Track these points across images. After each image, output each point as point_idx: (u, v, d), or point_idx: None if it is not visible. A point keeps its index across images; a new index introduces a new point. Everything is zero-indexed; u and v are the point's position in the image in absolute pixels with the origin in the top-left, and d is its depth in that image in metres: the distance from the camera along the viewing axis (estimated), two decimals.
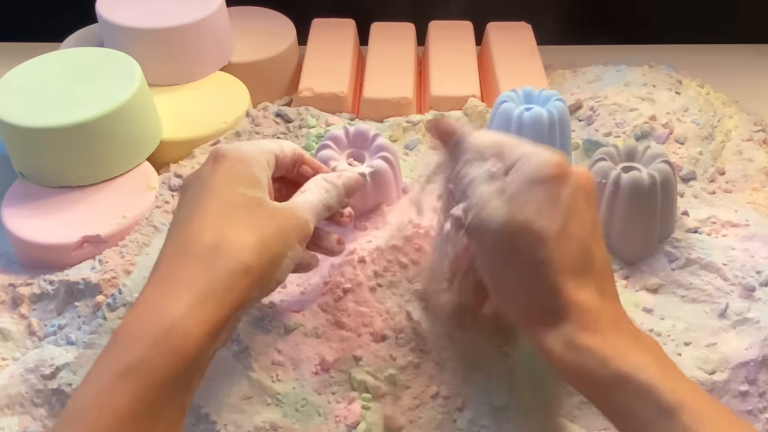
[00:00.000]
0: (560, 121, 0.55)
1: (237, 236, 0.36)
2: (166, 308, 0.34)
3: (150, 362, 0.32)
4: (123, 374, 0.32)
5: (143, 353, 0.32)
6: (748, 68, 0.82)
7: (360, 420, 0.44)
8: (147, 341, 0.32)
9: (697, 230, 0.54)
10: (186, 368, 0.33)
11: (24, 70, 0.61)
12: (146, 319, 0.34)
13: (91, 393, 0.32)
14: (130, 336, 0.33)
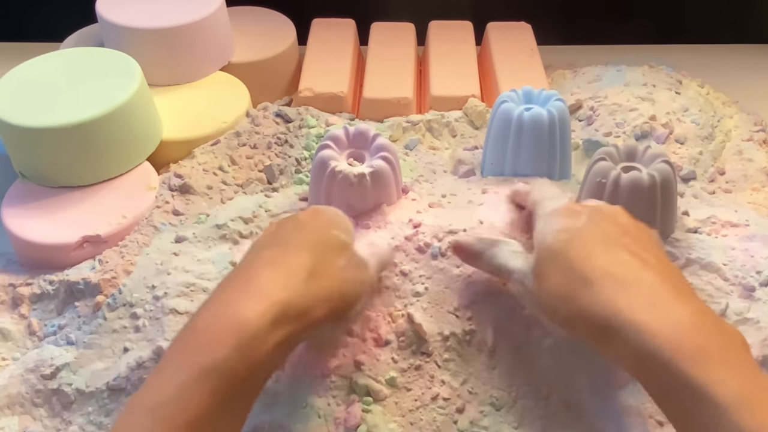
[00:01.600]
0: (560, 121, 0.55)
1: (328, 268, 0.39)
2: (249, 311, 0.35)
3: (232, 365, 0.33)
4: (206, 373, 0.33)
5: (227, 355, 0.33)
6: (748, 68, 0.82)
7: (360, 422, 0.44)
8: (228, 343, 0.34)
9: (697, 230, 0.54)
10: (260, 376, 0.36)
11: (24, 70, 0.61)
12: (228, 318, 0.35)
13: (172, 386, 0.33)
14: (212, 335, 0.34)
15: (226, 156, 0.63)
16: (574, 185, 0.57)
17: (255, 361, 0.34)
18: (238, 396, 0.34)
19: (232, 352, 0.33)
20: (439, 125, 0.66)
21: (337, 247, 0.41)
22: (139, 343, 0.48)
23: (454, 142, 0.66)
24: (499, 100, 0.56)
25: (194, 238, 0.54)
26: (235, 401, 0.34)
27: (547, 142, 0.55)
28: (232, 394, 0.33)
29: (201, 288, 0.50)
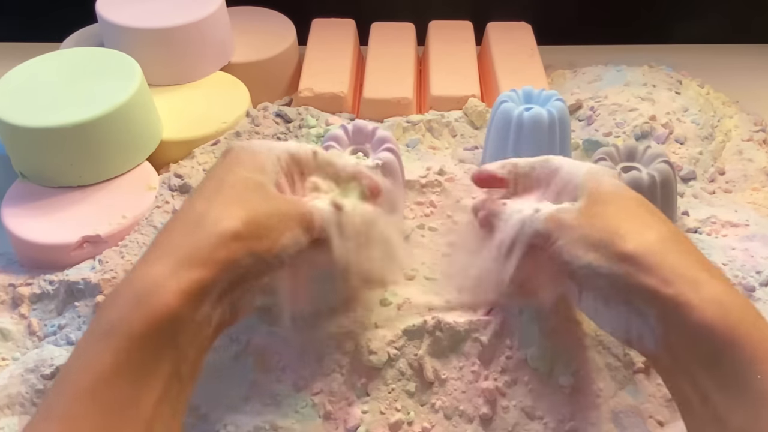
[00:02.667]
0: (560, 121, 0.55)
1: (226, 207, 0.37)
2: (149, 271, 0.34)
3: (128, 321, 0.32)
4: (103, 334, 0.32)
5: (121, 313, 0.32)
6: (748, 68, 0.82)
7: (359, 423, 0.44)
8: (127, 301, 0.32)
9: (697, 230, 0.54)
10: (167, 328, 0.32)
11: (24, 70, 0.61)
12: (129, 282, 0.34)
13: (75, 355, 0.32)
14: (113, 299, 0.33)
15: None
16: None
17: (156, 314, 0.32)
18: (146, 354, 0.32)
19: (128, 309, 0.32)
20: (439, 125, 0.66)
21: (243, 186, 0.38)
22: None
23: (454, 142, 0.66)
24: (499, 100, 0.56)
25: None
26: (145, 360, 0.32)
27: (547, 142, 0.55)
28: (138, 352, 0.31)
29: None
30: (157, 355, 0.32)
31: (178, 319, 0.33)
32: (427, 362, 0.45)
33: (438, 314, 0.46)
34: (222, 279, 0.35)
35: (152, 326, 0.32)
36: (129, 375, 0.31)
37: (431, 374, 0.44)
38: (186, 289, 0.33)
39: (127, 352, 0.31)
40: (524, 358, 0.45)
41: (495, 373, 0.45)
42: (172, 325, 0.33)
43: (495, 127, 0.56)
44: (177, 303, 0.33)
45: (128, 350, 0.31)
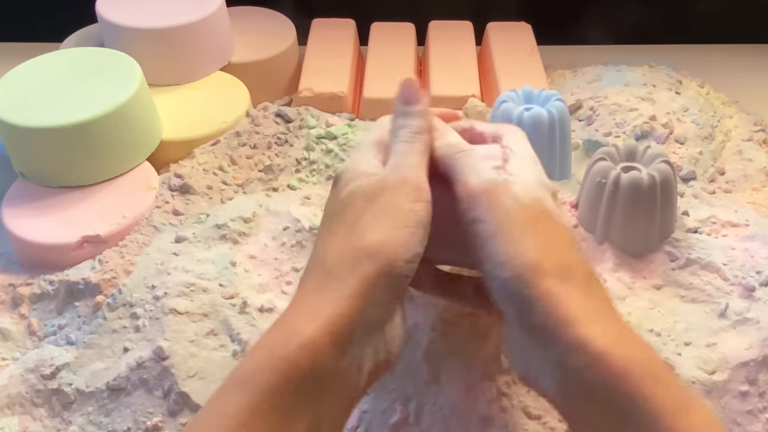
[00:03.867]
0: (560, 121, 0.55)
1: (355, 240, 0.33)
2: (286, 325, 0.32)
3: (261, 372, 0.30)
4: (240, 384, 0.30)
5: (258, 364, 0.30)
6: (748, 68, 0.82)
7: (359, 423, 0.44)
8: (265, 352, 0.31)
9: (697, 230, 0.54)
10: (302, 379, 0.30)
11: (24, 70, 0.61)
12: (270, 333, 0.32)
13: (212, 403, 0.31)
14: (255, 348, 0.32)
15: (226, 156, 0.63)
16: (574, 185, 0.57)
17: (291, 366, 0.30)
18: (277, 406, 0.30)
19: (264, 360, 0.30)
20: None
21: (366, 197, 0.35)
22: (139, 343, 0.48)
23: None
24: (499, 100, 0.56)
25: (194, 238, 0.54)
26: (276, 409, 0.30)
27: (547, 142, 0.55)
28: (269, 404, 0.29)
29: (201, 288, 0.50)
30: (297, 407, 0.30)
31: (318, 371, 0.30)
32: (427, 362, 0.44)
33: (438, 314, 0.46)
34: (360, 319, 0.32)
35: (284, 379, 0.30)
36: (264, 426, 0.29)
37: (431, 374, 0.44)
38: (326, 330, 0.30)
39: (261, 405, 0.29)
40: None
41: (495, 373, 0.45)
42: (309, 377, 0.30)
43: None
44: (314, 353, 0.30)
45: (258, 401, 0.29)
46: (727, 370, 0.45)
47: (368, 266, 0.32)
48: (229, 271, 0.50)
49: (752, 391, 0.45)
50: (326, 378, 0.30)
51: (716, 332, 0.47)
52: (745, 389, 0.45)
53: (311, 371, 0.30)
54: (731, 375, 0.45)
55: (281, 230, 0.53)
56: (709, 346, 0.46)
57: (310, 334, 0.30)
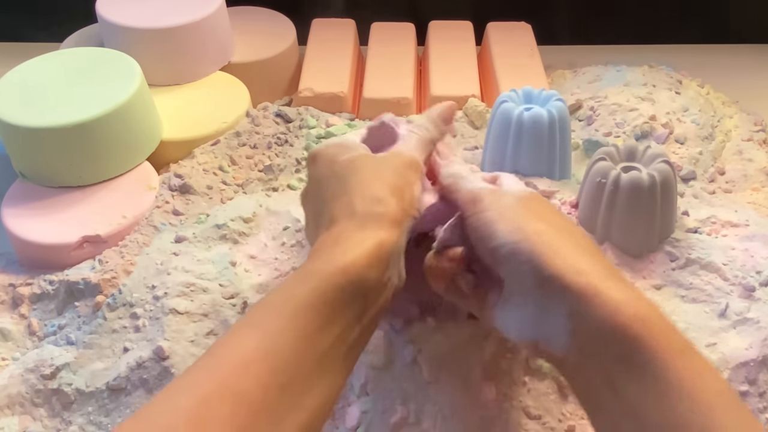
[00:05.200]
0: (560, 121, 0.55)
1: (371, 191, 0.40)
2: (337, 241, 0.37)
3: (325, 270, 0.36)
4: (305, 276, 0.36)
5: (320, 265, 0.36)
6: (748, 68, 0.82)
7: (359, 423, 0.44)
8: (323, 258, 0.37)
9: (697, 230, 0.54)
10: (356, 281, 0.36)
11: (24, 70, 0.61)
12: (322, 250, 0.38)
13: (282, 289, 0.36)
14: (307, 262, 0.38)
15: (226, 156, 0.63)
16: (574, 185, 0.57)
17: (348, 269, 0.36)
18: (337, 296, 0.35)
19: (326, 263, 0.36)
20: None
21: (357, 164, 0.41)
22: (139, 343, 0.48)
23: (454, 142, 0.66)
24: (499, 100, 0.56)
25: (194, 238, 0.54)
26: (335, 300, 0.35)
27: (547, 142, 0.55)
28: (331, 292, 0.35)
29: (201, 288, 0.50)
30: (346, 299, 0.36)
31: (367, 276, 0.36)
32: (427, 362, 0.44)
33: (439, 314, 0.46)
34: (396, 244, 0.38)
35: (343, 276, 0.35)
36: (324, 310, 0.35)
37: (431, 374, 0.44)
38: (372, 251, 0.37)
39: (325, 293, 0.35)
40: (524, 358, 0.45)
41: (495, 373, 0.45)
42: (361, 280, 0.36)
43: (495, 127, 0.56)
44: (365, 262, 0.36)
45: (326, 292, 0.35)
46: (727, 370, 0.45)
47: (396, 206, 0.39)
48: (229, 271, 0.50)
49: (752, 391, 0.45)
50: (371, 287, 0.37)
51: (716, 332, 0.47)
52: (745, 389, 0.45)
53: (362, 279, 0.36)
54: (731, 375, 0.45)
55: (281, 230, 0.53)
56: (709, 346, 0.46)
57: (362, 252, 0.36)
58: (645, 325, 0.33)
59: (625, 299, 0.34)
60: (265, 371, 0.32)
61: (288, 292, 0.36)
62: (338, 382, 0.36)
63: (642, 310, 0.34)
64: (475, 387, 0.44)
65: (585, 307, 0.35)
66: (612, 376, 0.34)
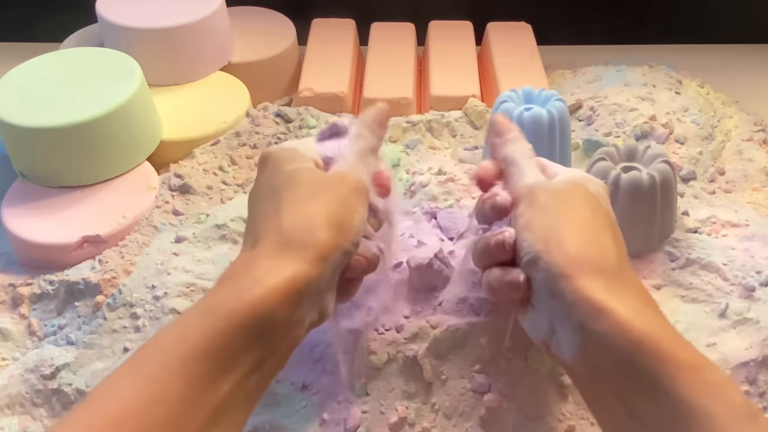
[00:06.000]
0: (560, 121, 0.55)
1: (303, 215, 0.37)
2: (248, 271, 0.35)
3: (227, 306, 0.33)
4: (203, 313, 0.33)
5: (222, 299, 0.34)
6: (748, 68, 0.82)
7: (359, 423, 0.44)
8: (227, 291, 0.34)
9: (697, 230, 0.54)
10: (261, 320, 0.33)
11: (24, 70, 0.61)
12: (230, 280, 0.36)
13: (173, 327, 0.33)
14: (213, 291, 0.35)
15: (226, 156, 0.63)
16: None
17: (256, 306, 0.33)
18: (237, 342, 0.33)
19: (229, 297, 0.34)
20: (439, 125, 0.66)
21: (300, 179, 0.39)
22: (139, 343, 0.48)
23: (454, 142, 0.66)
24: (499, 100, 0.56)
25: (194, 238, 0.54)
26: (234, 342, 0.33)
27: (547, 142, 0.55)
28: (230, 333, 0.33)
29: (201, 288, 0.50)
30: (250, 344, 0.33)
31: (273, 317, 0.34)
32: (427, 362, 0.44)
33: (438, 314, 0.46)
34: (315, 280, 0.36)
35: (247, 316, 0.33)
36: (220, 354, 0.32)
37: (431, 374, 0.44)
38: (284, 287, 0.34)
39: (222, 334, 0.32)
40: (524, 358, 0.45)
41: (495, 373, 0.45)
42: (266, 320, 0.34)
43: None
44: (274, 299, 0.34)
45: (223, 332, 0.32)
46: (727, 370, 0.45)
47: (328, 238, 0.37)
48: None
49: (752, 391, 0.45)
50: (277, 327, 0.34)
51: (716, 332, 0.47)
52: (745, 389, 0.45)
53: (268, 318, 0.34)
54: (731, 375, 0.45)
55: None
56: (709, 346, 0.46)
57: (272, 286, 0.34)
58: (655, 343, 0.33)
59: (633, 317, 0.34)
60: (144, 427, 0.29)
61: (181, 330, 0.33)
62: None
63: (651, 327, 0.34)
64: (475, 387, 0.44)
65: (592, 323, 0.34)
66: (622, 392, 0.34)
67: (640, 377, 0.33)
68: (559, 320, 0.36)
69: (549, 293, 0.37)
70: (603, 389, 0.35)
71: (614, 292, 0.35)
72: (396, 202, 0.46)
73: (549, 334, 0.37)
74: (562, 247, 0.37)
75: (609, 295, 0.35)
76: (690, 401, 0.31)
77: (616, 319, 0.34)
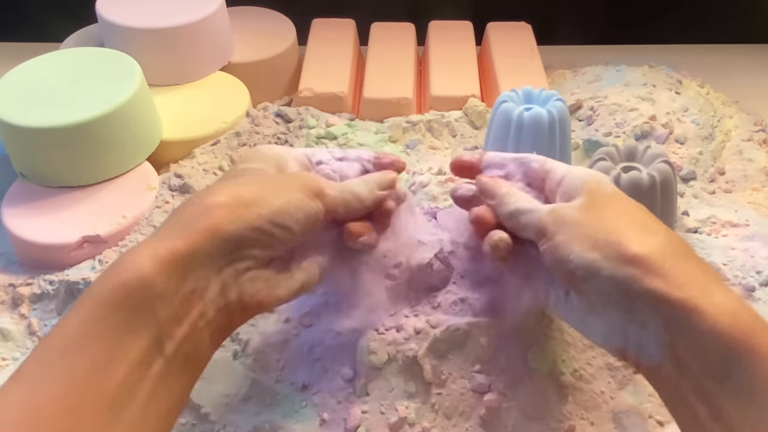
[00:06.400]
0: (560, 121, 0.55)
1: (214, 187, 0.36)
2: (131, 248, 0.33)
3: (98, 286, 0.31)
4: (79, 301, 0.32)
5: (94, 287, 0.32)
6: (748, 68, 0.82)
7: (359, 423, 0.44)
8: (102, 277, 0.32)
9: (697, 230, 0.54)
10: (138, 294, 0.31)
11: (24, 70, 0.61)
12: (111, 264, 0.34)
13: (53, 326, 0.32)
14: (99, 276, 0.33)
15: (226, 156, 0.63)
16: None
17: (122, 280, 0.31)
18: (111, 321, 0.30)
19: (102, 277, 0.32)
20: (439, 125, 0.66)
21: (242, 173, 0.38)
22: None
23: (454, 142, 0.66)
24: (499, 100, 0.56)
25: None
26: (112, 323, 0.30)
27: (547, 142, 0.55)
28: (103, 318, 0.30)
29: None
30: (131, 322, 0.31)
31: (151, 286, 0.32)
32: (427, 362, 0.44)
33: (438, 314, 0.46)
34: (205, 248, 0.34)
35: (121, 291, 0.31)
36: (99, 340, 0.30)
37: (431, 374, 0.44)
38: (161, 256, 0.32)
39: (97, 317, 0.30)
40: (524, 358, 0.45)
41: (495, 373, 0.45)
42: (143, 291, 0.31)
43: (495, 127, 0.56)
44: (149, 269, 0.32)
45: (98, 315, 0.30)
46: None
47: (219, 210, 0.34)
48: None
49: None
50: (159, 300, 0.32)
51: None
52: None
53: (140, 290, 0.31)
54: None
55: None
56: None
57: (142, 261, 0.32)
58: (748, 340, 0.32)
59: (727, 312, 0.32)
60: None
61: (59, 327, 0.30)
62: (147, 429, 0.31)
63: (745, 324, 0.32)
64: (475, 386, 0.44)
65: (682, 321, 0.33)
66: (711, 394, 0.33)
67: (728, 373, 0.32)
68: (640, 323, 0.35)
69: (622, 298, 0.35)
70: (688, 388, 0.34)
71: (692, 282, 0.34)
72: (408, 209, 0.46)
73: (625, 341, 0.36)
74: (619, 248, 0.35)
75: (691, 287, 0.33)
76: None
77: (707, 314, 0.32)
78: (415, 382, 0.45)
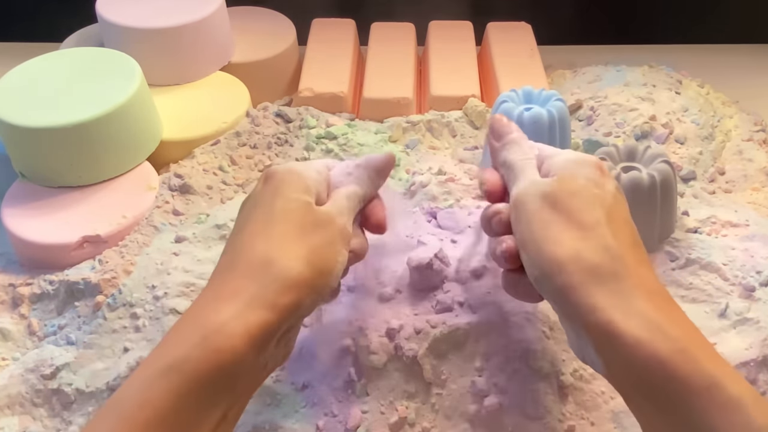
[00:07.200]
0: (560, 121, 0.55)
1: (288, 247, 0.36)
2: (215, 312, 0.34)
3: (191, 361, 0.32)
4: (166, 371, 0.32)
5: (186, 352, 0.32)
6: (748, 68, 0.82)
7: (359, 423, 0.44)
8: (192, 341, 0.33)
9: (697, 230, 0.54)
10: (229, 372, 0.33)
11: (24, 70, 0.61)
12: (194, 321, 0.34)
13: (134, 387, 0.32)
14: (178, 336, 0.34)
15: (226, 156, 0.63)
16: None
17: (220, 356, 0.32)
18: (204, 396, 0.32)
19: (192, 349, 0.32)
20: (439, 125, 0.66)
21: (294, 213, 0.38)
22: (139, 343, 0.48)
23: (454, 142, 0.66)
24: (499, 100, 0.56)
25: (194, 238, 0.54)
26: (202, 401, 0.32)
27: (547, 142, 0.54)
28: (198, 393, 0.32)
29: (201, 288, 0.50)
30: (216, 397, 0.32)
31: (242, 363, 0.33)
32: (427, 362, 0.45)
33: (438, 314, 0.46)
34: (288, 323, 0.35)
35: (214, 370, 0.32)
36: (186, 415, 0.31)
37: (431, 374, 0.45)
38: (253, 333, 0.33)
39: (188, 391, 0.31)
40: (524, 358, 0.45)
41: (495, 373, 0.45)
42: (235, 368, 0.33)
43: None
44: (242, 348, 0.33)
45: (189, 389, 0.31)
46: None
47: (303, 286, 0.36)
48: None
49: None
50: (242, 374, 0.33)
51: (716, 332, 0.47)
52: None
53: (232, 368, 0.33)
54: None
55: None
56: None
57: (238, 332, 0.33)
58: (665, 366, 0.32)
59: (644, 338, 0.33)
60: None
61: (143, 394, 0.31)
62: None
63: (662, 348, 0.32)
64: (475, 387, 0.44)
65: (608, 345, 0.34)
66: (644, 409, 0.34)
67: (657, 399, 0.32)
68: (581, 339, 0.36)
69: (562, 314, 0.36)
70: (631, 404, 0.35)
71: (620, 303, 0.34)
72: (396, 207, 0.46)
73: (580, 351, 0.37)
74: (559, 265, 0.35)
75: (616, 311, 0.33)
76: (703, 423, 0.31)
77: (628, 342, 0.33)
78: (415, 382, 0.45)
